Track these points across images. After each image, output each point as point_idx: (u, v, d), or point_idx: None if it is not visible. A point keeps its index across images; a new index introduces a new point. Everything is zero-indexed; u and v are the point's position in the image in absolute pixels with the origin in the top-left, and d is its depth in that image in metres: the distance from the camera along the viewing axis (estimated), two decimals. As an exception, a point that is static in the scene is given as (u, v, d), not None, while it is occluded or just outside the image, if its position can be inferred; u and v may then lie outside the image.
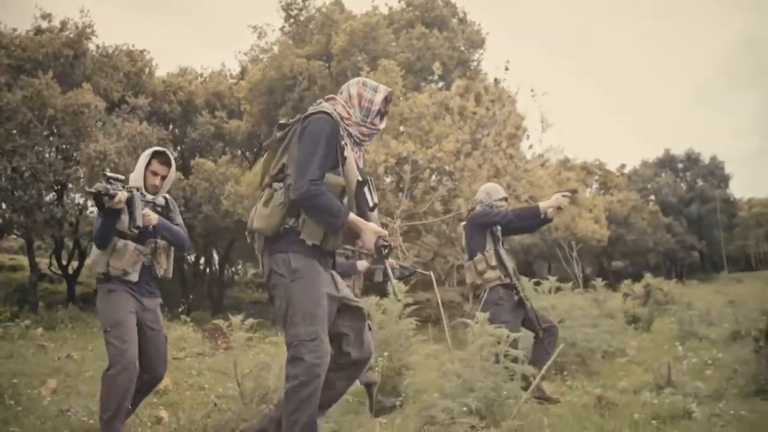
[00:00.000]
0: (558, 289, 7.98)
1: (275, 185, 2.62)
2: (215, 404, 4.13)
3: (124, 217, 3.33)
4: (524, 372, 3.71)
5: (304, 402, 2.45)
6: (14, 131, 14.82)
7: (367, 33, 15.25)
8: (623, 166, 41.31)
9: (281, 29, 18.26)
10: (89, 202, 18.34)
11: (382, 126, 2.85)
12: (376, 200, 2.77)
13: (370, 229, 2.61)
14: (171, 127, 20.24)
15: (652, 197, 37.33)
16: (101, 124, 16.35)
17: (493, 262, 4.43)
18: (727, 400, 4.33)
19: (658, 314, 12.41)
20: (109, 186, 3.18)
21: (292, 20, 18.20)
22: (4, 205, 15.63)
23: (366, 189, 2.71)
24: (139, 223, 3.32)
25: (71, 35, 16.60)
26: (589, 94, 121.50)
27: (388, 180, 11.82)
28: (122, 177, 3.33)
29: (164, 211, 3.65)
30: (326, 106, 2.69)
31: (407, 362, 4.99)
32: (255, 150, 19.15)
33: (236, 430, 3.49)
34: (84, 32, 16.64)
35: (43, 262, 24.42)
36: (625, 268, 38.78)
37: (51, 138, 15.65)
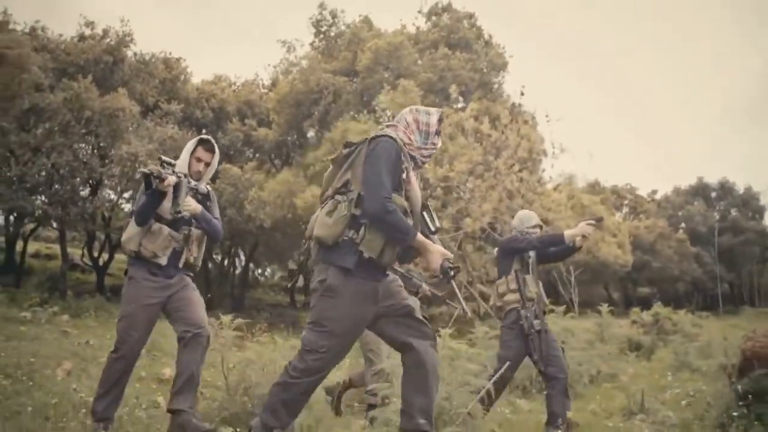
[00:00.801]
0: (551, 311, 8.16)
1: (338, 197, 2.71)
2: (201, 393, 4.53)
3: (166, 202, 3.44)
4: (484, 387, 4.03)
5: (282, 404, 2.71)
6: (54, 130, 15.76)
7: (392, 52, 15.73)
8: (654, 191, 40.78)
9: (311, 44, 18.88)
10: (123, 198, 19.36)
11: (439, 144, 2.97)
12: (438, 224, 2.94)
13: (437, 250, 2.72)
14: (203, 132, 20.99)
15: (683, 225, 36.68)
16: (135, 126, 17.21)
17: (513, 286, 4.49)
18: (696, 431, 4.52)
19: (663, 344, 12.41)
20: (161, 169, 3.30)
21: (321, 36, 18.79)
22: (42, 199, 16.61)
23: (426, 213, 2.88)
24: (181, 208, 3.41)
25: (111, 42, 17.55)
26: (620, 118, 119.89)
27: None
28: (174, 162, 3.47)
29: (204, 200, 3.72)
30: (390, 132, 2.81)
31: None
32: (282, 158, 19.75)
33: (219, 417, 3.94)
34: (123, 40, 17.60)
35: (76, 253, 25.56)
36: (653, 295, 38.28)
37: (87, 138, 16.58)
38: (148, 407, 4.46)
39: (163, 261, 3.55)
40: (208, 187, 3.82)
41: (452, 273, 2.69)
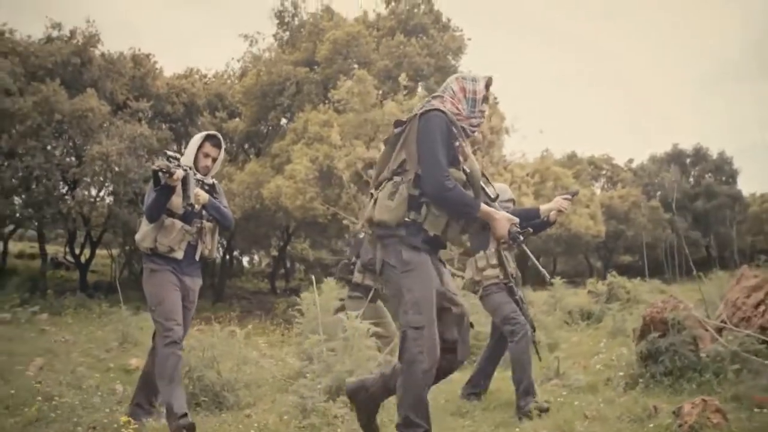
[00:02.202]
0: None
1: (396, 179, 2.67)
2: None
3: (175, 197, 3.48)
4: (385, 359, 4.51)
5: (407, 387, 2.63)
6: (26, 133, 16.22)
7: (350, 41, 16.19)
8: (631, 160, 41.48)
9: (274, 36, 19.30)
10: (101, 196, 19.87)
11: (487, 110, 2.90)
12: (497, 191, 2.89)
13: (503, 216, 2.70)
14: (174, 126, 21.44)
15: (659, 193, 37.47)
16: (107, 125, 17.65)
17: (494, 261, 4.34)
18: (601, 392, 4.73)
19: (612, 312, 12.99)
20: (169, 164, 3.32)
21: (285, 27, 19.19)
22: (17, 201, 17.14)
23: (483, 182, 2.79)
24: (192, 201, 3.42)
25: (79, 43, 17.92)
26: (596, 88, 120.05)
27: (354, 187, 12.79)
28: (179, 156, 3.51)
29: (211, 191, 3.74)
30: (438, 104, 2.75)
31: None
32: (253, 149, 20.25)
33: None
34: (90, 40, 17.98)
35: (59, 251, 26.09)
36: (635, 262, 39.15)
37: (60, 139, 17.05)
38: (106, 394, 4.67)
39: (179, 255, 3.59)
40: (213, 179, 3.84)
41: (521, 237, 2.66)
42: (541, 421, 3.83)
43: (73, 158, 17.93)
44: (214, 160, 3.77)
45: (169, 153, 3.45)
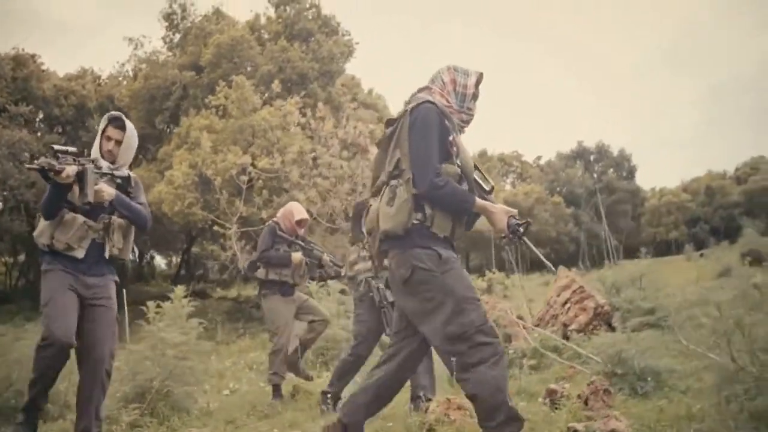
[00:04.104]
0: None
1: (393, 182, 2.53)
2: None
3: (77, 190, 3.14)
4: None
5: (501, 379, 2.41)
6: None
7: (234, 46, 16.26)
8: (539, 157, 43.33)
9: (163, 38, 19.10)
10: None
11: (475, 110, 2.76)
12: (492, 183, 2.76)
13: (500, 209, 2.56)
14: (62, 130, 20.87)
15: (562, 188, 39.30)
16: (-17, 130, 17.01)
17: (364, 254, 4.10)
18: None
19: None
20: (53, 161, 2.99)
21: (174, 29, 19.02)
22: None
23: (477, 174, 2.68)
24: (90, 198, 3.08)
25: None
26: (508, 87, 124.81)
27: (225, 193, 12.95)
28: (73, 149, 3.13)
29: (124, 184, 3.37)
30: (426, 96, 2.62)
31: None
32: (144, 153, 19.93)
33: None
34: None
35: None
36: (548, 255, 40.95)
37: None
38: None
39: (80, 254, 3.22)
40: (129, 171, 3.46)
41: (521, 230, 2.53)
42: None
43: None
44: (118, 143, 3.35)
45: (57, 147, 3.07)
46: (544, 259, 2.83)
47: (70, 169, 3.00)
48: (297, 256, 5.11)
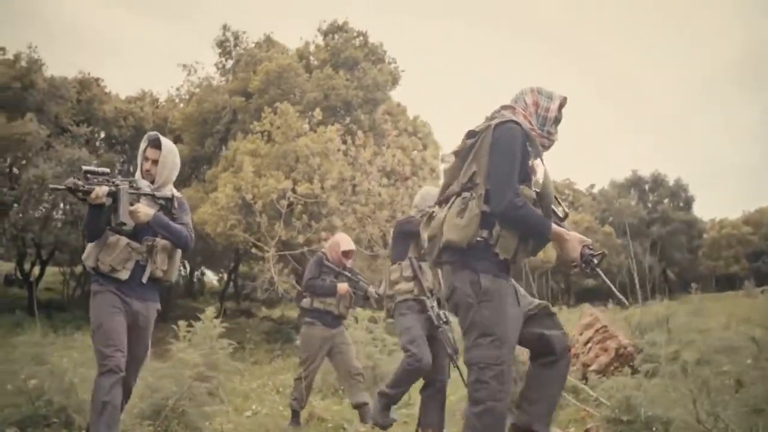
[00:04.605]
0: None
1: (465, 194, 2.48)
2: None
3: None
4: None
5: (489, 428, 2.39)
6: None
7: (281, 73, 16.77)
8: (592, 186, 42.33)
9: (216, 64, 19.91)
10: (54, 217, 20.27)
11: (557, 136, 2.71)
12: (566, 210, 2.74)
13: (575, 237, 2.51)
14: (121, 149, 21.92)
15: (611, 219, 38.26)
16: (46, 149, 18.08)
17: (408, 273, 3.98)
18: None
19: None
20: (79, 182, 2.98)
21: (227, 56, 19.81)
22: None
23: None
24: (124, 219, 3.08)
25: (21, 68, 18.41)
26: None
27: (264, 217, 13.27)
28: (105, 170, 3.14)
29: (168, 205, 3.35)
30: (509, 116, 2.57)
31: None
32: (194, 172, 20.67)
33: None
34: (33, 66, 18.42)
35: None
36: (600, 286, 39.80)
37: (-3, 163, 17.47)
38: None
39: (124, 275, 3.22)
40: (173, 191, 3.43)
41: (595, 261, 2.49)
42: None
43: (11, 180, 18.35)
44: (155, 162, 3.35)
45: (86, 168, 3.07)
46: (617, 292, 2.76)
47: (100, 190, 2.99)
48: (343, 286, 5.19)
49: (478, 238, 2.42)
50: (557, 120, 2.67)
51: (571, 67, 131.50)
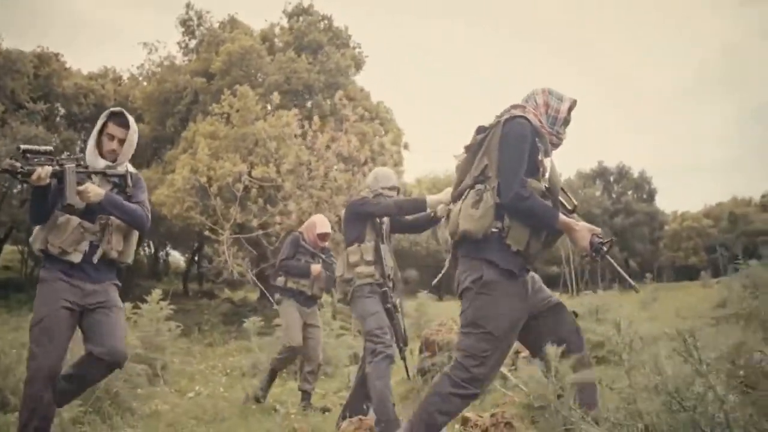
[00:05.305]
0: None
1: (478, 186, 2.56)
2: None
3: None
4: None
5: (448, 403, 2.52)
6: None
7: (243, 55, 16.64)
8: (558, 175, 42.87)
9: (178, 43, 19.62)
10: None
11: (565, 136, 2.79)
12: (575, 202, 2.79)
13: (584, 227, 2.54)
14: (81, 127, 21.50)
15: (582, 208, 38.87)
16: (1, 125, 17.68)
17: (370, 257, 3.82)
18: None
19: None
20: (17, 163, 2.79)
21: (190, 35, 19.52)
22: None
23: (561, 194, 2.71)
24: (71, 201, 2.88)
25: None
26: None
27: (219, 200, 13.24)
28: (48, 148, 2.92)
29: (122, 183, 3.14)
30: (521, 113, 2.66)
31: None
32: (156, 152, 20.43)
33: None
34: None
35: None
36: (559, 274, 40.54)
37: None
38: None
39: (76, 258, 3.03)
40: (128, 167, 3.22)
41: (605, 248, 2.52)
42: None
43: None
44: (122, 141, 3.13)
45: (25, 147, 2.86)
46: (627, 278, 2.63)
47: (42, 171, 2.81)
48: (317, 267, 5.28)
49: (493, 229, 2.50)
50: (566, 121, 2.75)
51: (571, 67, 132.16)
